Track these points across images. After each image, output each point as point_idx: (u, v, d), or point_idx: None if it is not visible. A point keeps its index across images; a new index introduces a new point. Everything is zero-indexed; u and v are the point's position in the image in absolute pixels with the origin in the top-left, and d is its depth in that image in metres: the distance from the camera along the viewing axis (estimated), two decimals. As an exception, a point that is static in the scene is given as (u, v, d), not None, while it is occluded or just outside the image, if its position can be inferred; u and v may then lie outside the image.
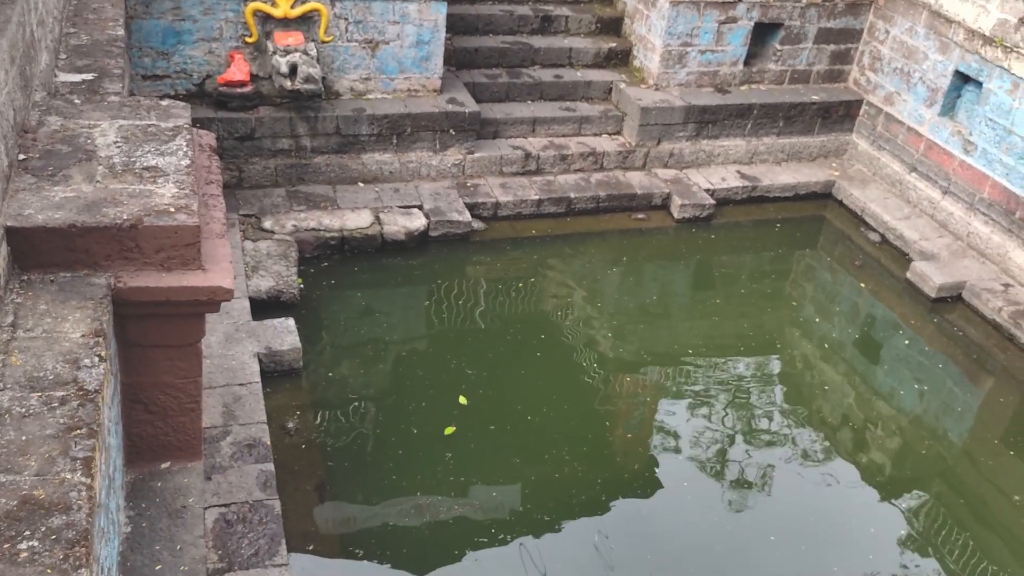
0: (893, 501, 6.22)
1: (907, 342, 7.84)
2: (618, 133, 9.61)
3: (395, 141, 8.51)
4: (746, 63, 9.91)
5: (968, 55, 8.83)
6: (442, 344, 7.08)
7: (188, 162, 4.00)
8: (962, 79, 9.09)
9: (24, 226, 3.42)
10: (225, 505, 4.65)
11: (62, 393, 3.04)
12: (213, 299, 3.74)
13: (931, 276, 8.32)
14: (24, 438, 2.88)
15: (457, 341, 7.13)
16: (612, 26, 10.19)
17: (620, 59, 10.02)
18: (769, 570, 5.51)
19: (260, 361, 5.98)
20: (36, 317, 3.32)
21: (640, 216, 9.07)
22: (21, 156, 3.78)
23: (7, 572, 2.56)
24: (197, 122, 7.08)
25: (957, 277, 8.35)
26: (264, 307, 6.69)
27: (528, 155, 8.98)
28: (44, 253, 3.48)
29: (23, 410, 2.97)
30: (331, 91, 8.38)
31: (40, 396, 3.03)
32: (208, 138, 4.79)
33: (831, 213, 9.74)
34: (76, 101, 4.30)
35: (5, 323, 3.27)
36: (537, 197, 8.70)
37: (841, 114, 10.19)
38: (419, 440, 6.05)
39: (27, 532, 2.62)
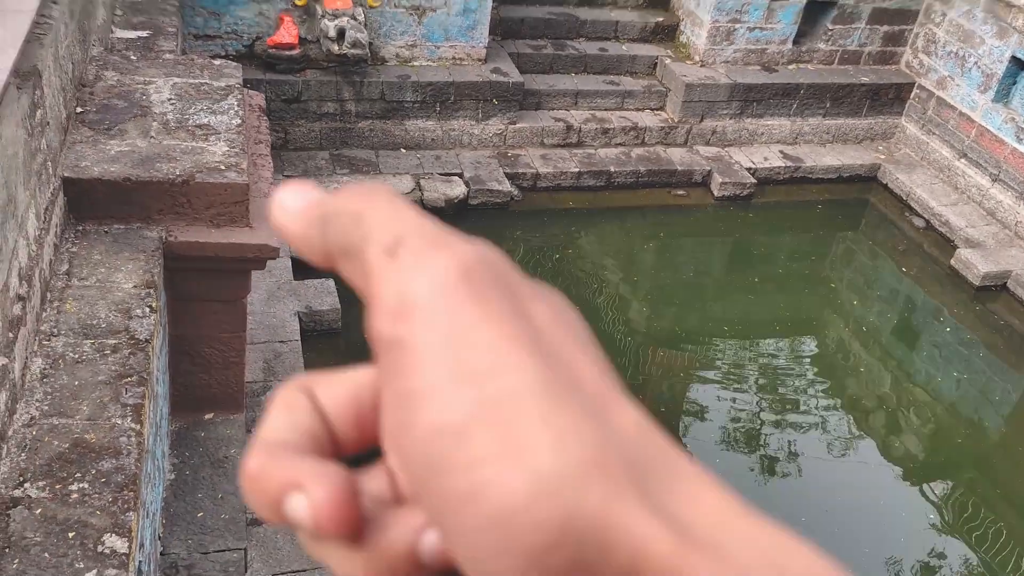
0: (926, 487, 6.19)
1: (948, 329, 7.75)
2: (661, 109, 9.53)
3: (438, 109, 8.52)
4: (795, 42, 9.74)
5: (1026, 40, 8.61)
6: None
7: (239, 121, 4.05)
8: (1019, 65, 8.86)
9: (81, 177, 3.51)
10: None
11: (114, 341, 3.12)
12: (259, 256, 3.81)
13: (976, 264, 8.18)
14: (77, 383, 2.97)
15: (493, 310, 7.18)
16: (659, 1, 10.06)
17: (666, 34, 9.90)
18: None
19: (300, 320, 6.08)
20: (90, 267, 3.42)
21: (680, 192, 9.01)
22: (79, 109, 3.86)
23: (58, 512, 2.66)
24: (246, 83, 7.14)
25: (1003, 266, 8.21)
26: (305, 267, 6.78)
27: (570, 127, 8.95)
28: (99, 205, 3.56)
29: (76, 356, 3.06)
30: (377, 57, 8.40)
31: (93, 343, 3.12)
32: (258, 99, 4.85)
33: (875, 197, 9.59)
34: (132, 57, 4.37)
35: (60, 271, 3.36)
36: (577, 170, 8.68)
37: (891, 97, 9.99)
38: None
39: (78, 474, 2.71)
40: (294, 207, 0.35)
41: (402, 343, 0.30)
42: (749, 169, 9.23)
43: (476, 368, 0.28)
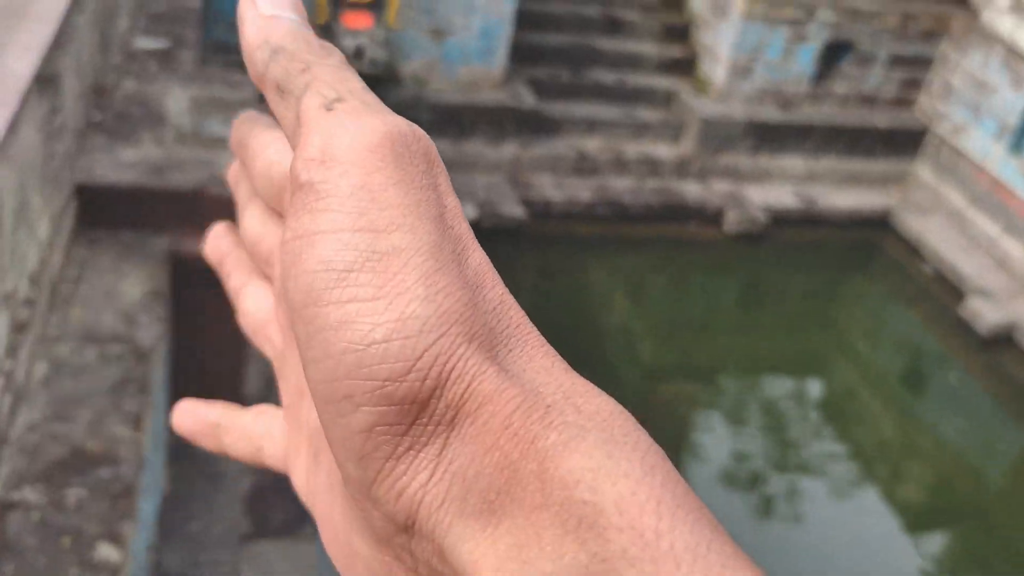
0: (926, 536, 6.12)
1: (954, 379, 7.69)
2: (676, 142, 9.55)
3: (453, 131, 8.55)
4: (813, 82, 9.78)
5: (1043, 92, 8.63)
6: (483, 337, 7.11)
7: (255, 135, 4.06)
8: (1034, 116, 8.88)
9: (94, 184, 3.51)
10: (260, 473, 4.73)
11: (118, 349, 3.11)
12: (268, 270, 3.80)
13: (985, 314, 8.14)
14: (79, 389, 2.96)
15: (498, 335, 7.16)
16: (679, 34, 10.12)
17: (684, 68, 9.95)
18: (793, 595, 5.46)
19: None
20: (99, 273, 3.41)
21: (692, 227, 9.01)
22: (97, 116, 3.88)
23: (55, 517, 2.64)
24: (261, 97, 7.18)
25: (1012, 318, 8.17)
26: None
27: (584, 156, 8.97)
28: (111, 212, 3.57)
29: (80, 362, 3.05)
30: (394, 76, 8.45)
31: (97, 350, 3.10)
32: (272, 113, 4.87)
33: (886, 241, 9.58)
34: (151, 66, 4.40)
35: (69, 276, 3.36)
36: (590, 198, 8.68)
37: (905, 141, 10.01)
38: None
39: (76, 481, 2.69)
40: (263, 10, 0.38)
41: (314, 187, 0.32)
42: (762, 207, 9.23)
43: (376, 221, 0.31)
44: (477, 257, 0.34)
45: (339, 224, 0.31)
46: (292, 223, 0.33)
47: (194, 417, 0.48)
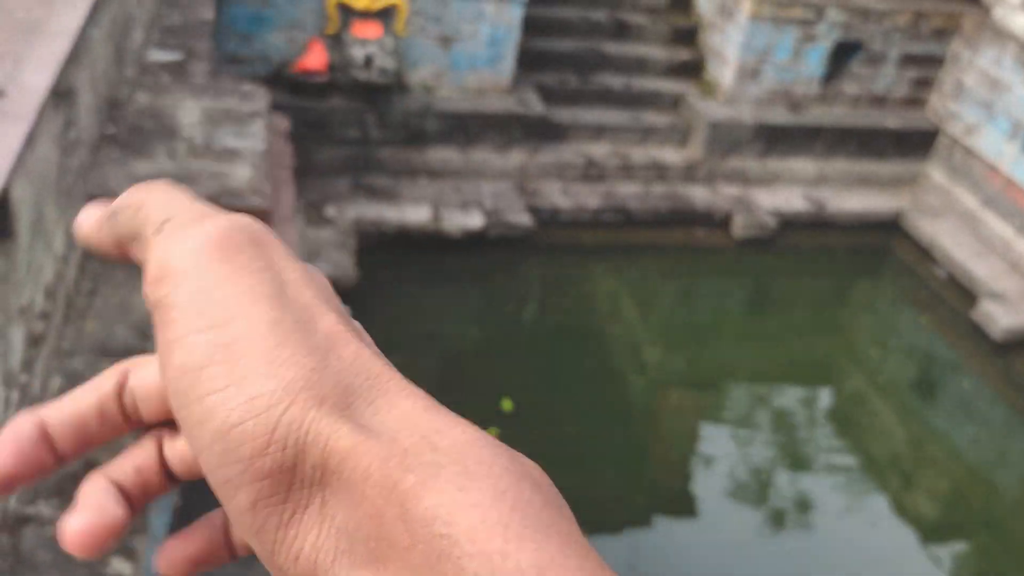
0: (938, 546, 6.07)
1: (967, 384, 7.64)
2: (684, 146, 9.54)
3: (461, 138, 8.56)
4: (822, 83, 9.75)
5: (1054, 92, 8.58)
6: (491, 345, 7.10)
7: (264, 146, 4.08)
8: (1046, 116, 8.83)
9: (108, 196, 3.52)
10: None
11: (132, 363, 3.12)
12: (280, 282, 3.81)
13: (998, 318, 8.08)
14: (94, 403, 2.96)
15: (506, 344, 7.15)
16: (686, 37, 10.11)
17: (692, 71, 9.93)
18: (807, 602, 5.43)
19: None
20: (113, 286, 3.42)
21: (700, 232, 8.99)
22: (111, 129, 3.90)
23: (68, 531, 2.64)
24: (272, 107, 7.21)
25: (1024, 320, 8.12)
26: (323, 292, 6.78)
27: (591, 162, 8.96)
28: (124, 225, 3.57)
29: (94, 375, 3.05)
30: (402, 84, 8.47)
31: (110, 363, 3.11)
32: (283, 123, 4.88)
33: (898, 244, 9.53)
34: (164, 79, 4.42)
35: (84, 290, 3.37)
36: (597, 205, 8.68)
37: (916, 142, 9.96)
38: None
39: (91, 495, 2.69)
40: (89, 217, 0.42)
41: (162, 303, 0.36)
42: (771, 211, 9.20)
43: (215, 318, 0.34)
44: (327, 320, 0.35)
45: (185, 329, 0.34)
46: (156, 342, 0.36)
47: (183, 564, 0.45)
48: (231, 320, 0.34)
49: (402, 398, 0.34)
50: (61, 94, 3.09)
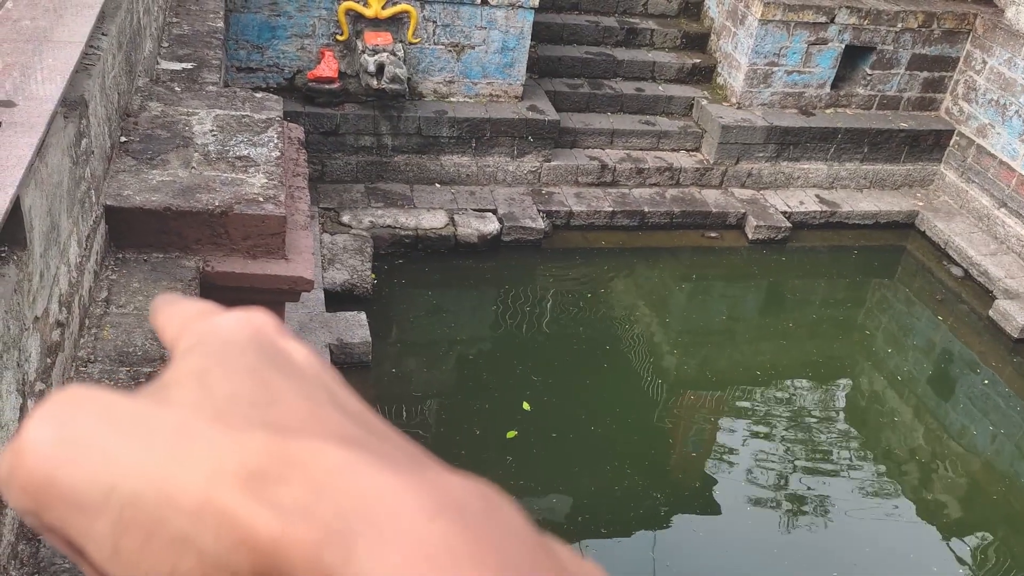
0: (958, 542, 6.02)
1: (985, 382, 7.58)
2: (696, 150, 9.53)
3: (474, 145, 8.59)
4: (833, 86, 9.72)
5: (1070, 90, 8.51)
6: (508, 348, 7.11)
7: (278, 154, 4.11)
8: (1061, 114, 8.76)
9: (122, 206, 3.56)
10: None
11: (149, 369, 3.15)
12: (294, 288, 3.83)
13: (1015, 316, 8.02)
14: (110, 409, 2.99)
15: (523, 347, 7.16)
16: (697, 42, 10.11)
17: (703, 75, 9.93)
18: (826, 604, 5.39)
19: (331, 352, 6.10)
20: (128, 294, 3.46)
21: (713, 235, 8.97)
22: (123, 139, 3.94)
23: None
24: (286, 115, 7.26)
25: (1043, 319, 8.04)
26: (338, 299, 6.82)
27: (604, 166, 8.97)
28: (139, 233, 3.61)
29: (112, 383, 3.09)
30: (415, 92, 8.51)
31: (128, 371, 3.14)
32: (297, 131, 4.92)
33: (912, 244, 9.47)
34: (176, 88, 4.46)
35: (99, 298, 3.41)
36: (611, 209, 8.68)
37: (930, 143, 9.91)
38: (481, 441, 6.09)
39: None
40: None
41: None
42: (784, 213, 9.17)
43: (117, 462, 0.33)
44: (301, 412, 0.36)
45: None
46: None
47: None
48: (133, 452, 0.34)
49: (324, 466, 0.32)
50: (71, 104, 3.12)
